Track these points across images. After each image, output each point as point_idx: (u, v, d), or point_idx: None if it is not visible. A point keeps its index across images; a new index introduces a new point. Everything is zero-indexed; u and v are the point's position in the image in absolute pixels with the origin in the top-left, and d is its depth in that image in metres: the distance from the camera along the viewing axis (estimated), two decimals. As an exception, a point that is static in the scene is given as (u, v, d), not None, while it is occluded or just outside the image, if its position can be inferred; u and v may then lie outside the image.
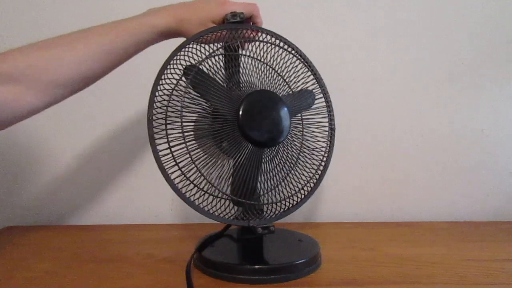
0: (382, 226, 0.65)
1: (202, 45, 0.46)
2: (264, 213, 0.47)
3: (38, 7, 0.68)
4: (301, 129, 0.50)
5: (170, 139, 0.41)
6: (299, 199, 0.50)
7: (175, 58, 0.43)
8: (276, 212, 0.48)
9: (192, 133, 0.43)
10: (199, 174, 0.43)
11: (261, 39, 0.48)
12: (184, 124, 0.42)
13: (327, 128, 0.52)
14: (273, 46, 0.49)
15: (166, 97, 0.42)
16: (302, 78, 0.51)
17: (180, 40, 0.45)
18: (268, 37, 0.49)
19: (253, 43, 0.48)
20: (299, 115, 0.51)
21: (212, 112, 0.44)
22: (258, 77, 0.48)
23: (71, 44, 0.43)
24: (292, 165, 0.49)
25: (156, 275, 0.45)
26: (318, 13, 0.70)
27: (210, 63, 0.45)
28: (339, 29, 0.70)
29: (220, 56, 0.45)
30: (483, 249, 0.54)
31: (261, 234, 0.45)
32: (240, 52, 0.47)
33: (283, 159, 0.48)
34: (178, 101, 0.42)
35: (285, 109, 0.46)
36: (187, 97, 0.43)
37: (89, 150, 0.70)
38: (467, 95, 0.71)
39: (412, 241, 0.58)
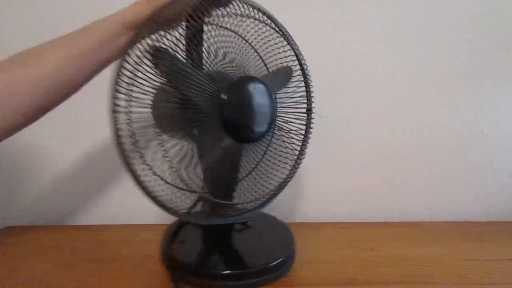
0: (382, 226, 0.65)
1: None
2: (239, 207, 0.44)
3: (38, 7, 0.68)
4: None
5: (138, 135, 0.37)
6: (275, 190, 0.46)
7: (140, 37, 0.38)
8: (253, 206, 0.44)
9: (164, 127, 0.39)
10: (173, 170, 0.39)
11: (233, 10, 0.43)
12: (159, 116, 0.38)
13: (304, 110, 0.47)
14: (247, 18, 0.43)
15: (132, 87, 0.37)
16: (279, 54, 0.46)
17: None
18: (240, 4, 0.43)
19: (227, 16, 0.42)
20: (274, 95, 0.46)
21: (186, 103, 0.39)
22: (236, 55, 0.43)
23: (29, 62, 0.38)
24: (263, 153, 0.45)
25: (156, 275, 0.45)
26: (317, 12, 0.70)
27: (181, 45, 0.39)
28: (339, 29, 0.70)
29: (191, 33, 0.39)
30: (483, 249, 0.54)
31: (239, 230, 0.43)
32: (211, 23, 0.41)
33: (255, 148, 0.44)
34: (143, 93, 0.37)
35: (271, 98, 0.42)
36: (156, 84, 0.38)
37: (89, 150, 0.70)
38: (467, 95, 0.71)
39: (412, 241, 0.58)
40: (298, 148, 0.46)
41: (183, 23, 0.39)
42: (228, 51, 0.42)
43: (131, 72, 0.37)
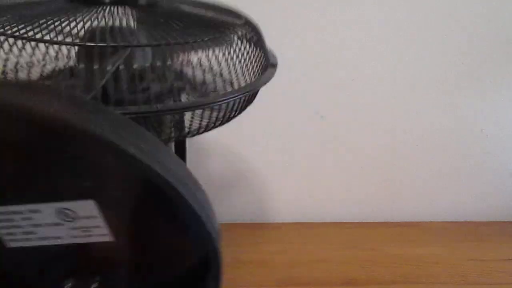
0: (382, 226, 0.65)
1: None
2: None
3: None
4: None
5: None
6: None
7: None
8: None
9: None
10: None
11: None
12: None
13: None
14: None
15: None
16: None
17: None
18: None
19: None
20: None
21: None
22: None
23: None
24: None
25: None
26: (317, 12, 0.70)
27: None
28: (339, 29, 0.70)
29: None
30: (483, 249, 0.54)
31: None
32: None
33: None
34: None
35: None
36: None
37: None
38: (467, 95, 0.71)
39: (412, 241, 0.58)
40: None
41: None
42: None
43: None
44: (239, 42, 0.34)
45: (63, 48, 0.32)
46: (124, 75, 0.26)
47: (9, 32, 0.27)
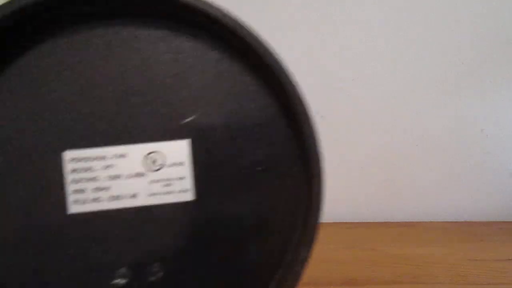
0: (382, 226, 0.65)
1: None
2: None
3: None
4: None
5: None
6: None
7: None
8: None
9: None
10: None
11: None
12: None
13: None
14: None
15: None
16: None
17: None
18: None
19: None
20: None
21: None
22: None
23: None
24: None
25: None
26: (317, 12, 0.70)
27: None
28: (339, 29, 0.70)
29: None
30: (483, 249, 0.54)
31: None
32: None
33: None
34: None
35: None
36: None
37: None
38: (467, 95, 0.71)
39: (412, 241, 0.58)
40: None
41: None
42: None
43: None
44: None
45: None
46: None
47: None
